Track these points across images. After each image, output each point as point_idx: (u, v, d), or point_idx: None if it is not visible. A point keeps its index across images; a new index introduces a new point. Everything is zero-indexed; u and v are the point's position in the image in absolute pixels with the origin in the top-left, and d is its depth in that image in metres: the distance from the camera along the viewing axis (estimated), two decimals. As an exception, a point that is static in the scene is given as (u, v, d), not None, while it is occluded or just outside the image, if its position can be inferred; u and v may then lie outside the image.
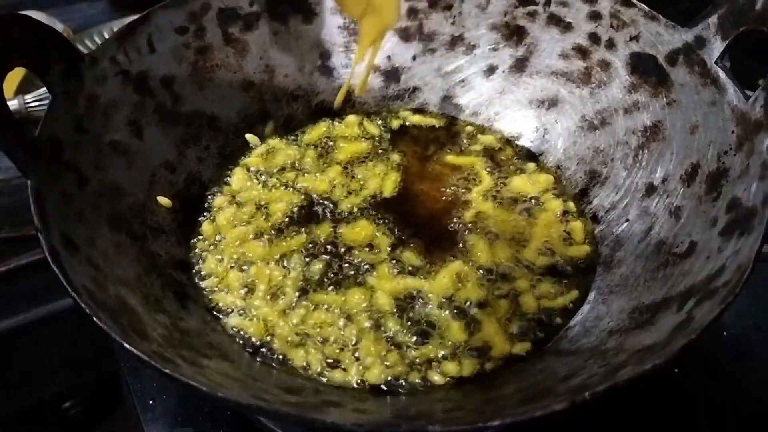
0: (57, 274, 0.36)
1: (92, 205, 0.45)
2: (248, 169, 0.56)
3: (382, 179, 0.55)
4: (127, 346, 0.33)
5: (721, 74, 0.47)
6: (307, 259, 0.49)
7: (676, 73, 0.50)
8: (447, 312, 0.46)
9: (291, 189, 0.54)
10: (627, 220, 0.50)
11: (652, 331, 0.39)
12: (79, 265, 0.39)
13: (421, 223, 0.52)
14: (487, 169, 0.56)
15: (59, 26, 0.71)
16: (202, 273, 0.48)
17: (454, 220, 0.52)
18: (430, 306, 0.46)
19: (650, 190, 0.49)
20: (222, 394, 0.30)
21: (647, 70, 0.52)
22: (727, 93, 0.46)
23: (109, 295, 0.39)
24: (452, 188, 0.55)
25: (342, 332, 0.45)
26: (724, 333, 0.53)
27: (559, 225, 0.52)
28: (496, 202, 0.53)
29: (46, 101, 0.62)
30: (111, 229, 0.45)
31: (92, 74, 0.49)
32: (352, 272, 0.48)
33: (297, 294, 0.47)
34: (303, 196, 0.54)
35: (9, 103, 0.61)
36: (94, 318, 0.34)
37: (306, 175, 0.56)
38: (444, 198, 0.54)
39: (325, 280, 0.48)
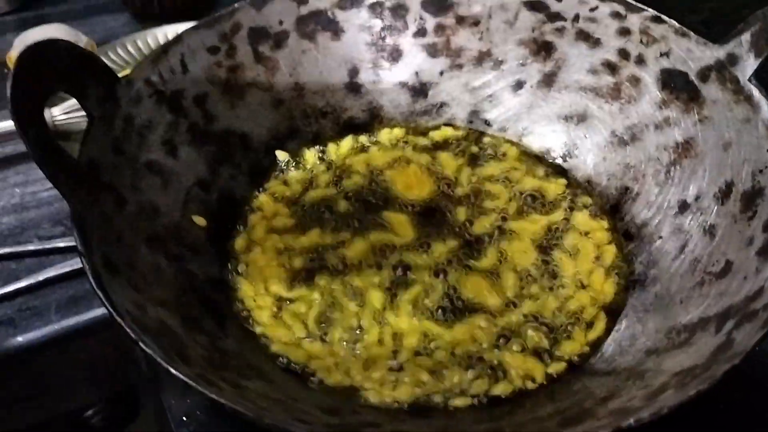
0: (101, 298, 0.37)
1: (130, 226, 0.45)
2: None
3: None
4: (174, 371, 0.33)
5: (755, 92, 0.46)
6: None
7: (707, 90, 0.50)
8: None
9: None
10: (660, 237, 0.49)
11: (690, 353, 0.39)
12: (120, 288, 0.40)
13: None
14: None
15: (83, 39, 0.72)
16: (238, 292, 0.49)
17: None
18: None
19: (683, 207, 0.49)
20: (269, 420, 0.31)
21: (678, 87, 0.52)
22: (761, 110, 0.46)
23: (150, 317, 0.40)
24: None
25: (382, 350, 0.45)
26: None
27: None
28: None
29: (74, 114, 0.64)
30: (149, 249, 0.46)
31: (128, 96, 0.49)
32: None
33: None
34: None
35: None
36: (140, 343, 0.35)
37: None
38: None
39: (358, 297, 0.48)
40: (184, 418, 0.51)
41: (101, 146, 0.46)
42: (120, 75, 0.49)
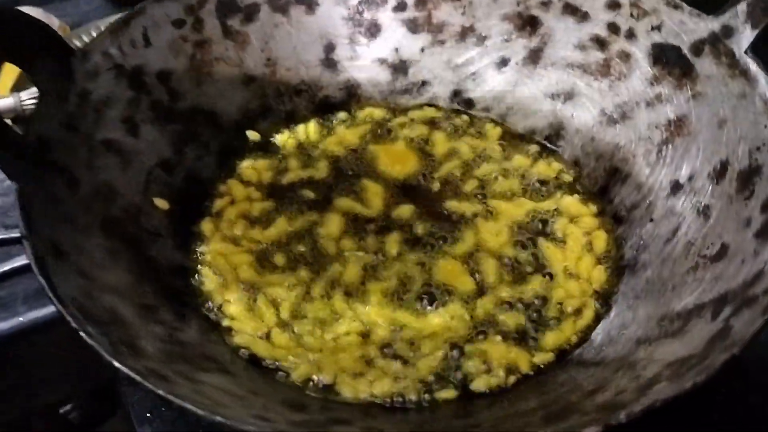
0: (42, 284, 0.34)
1: (84, 209, 0.42)
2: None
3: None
4: (117, 364, 0.30)
5: (752, 65, 0.44)
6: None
7: (701, 64, 0.47)
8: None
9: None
10: (651, 220, 0.47)
11: (684, 342, 0.36)
12: (67, 275, 0.37)
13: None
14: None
15: (55, 22, 0.68)
16: (201, 279, 0.46)
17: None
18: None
19: (676, 188, 0.46)
20: (220, 418, 0.28)
21: (670, 61, 0.49)
22: (758, 85, 0.43)
23: (100, 306, 0.37)
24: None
25: (352, 344, 0.42)
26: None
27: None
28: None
29: (42, 98, 0.61)
30: (104, 233, 0.42)
31: (84, 69, 0.46)
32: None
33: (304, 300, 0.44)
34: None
35: (4, 100, 0.59)
36: (82, 333, 0.31)
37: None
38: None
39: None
40: (148, 415, 0.48)
41: (53, 123, 0.43)
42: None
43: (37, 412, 0.65)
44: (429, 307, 0.44)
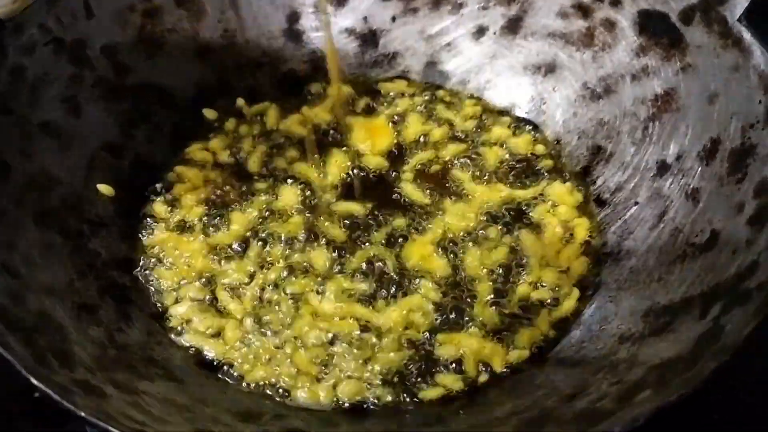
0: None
1: (15, 200, 0.39)
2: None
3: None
4: (35, 381, 0.27)
5: (746, 34, 0.40)
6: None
7: (691, 34, 0.43)
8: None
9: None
10: (636, 203, 0.44)
11: (671, 341, 0.33)
12: (-9, 275, 0.33)
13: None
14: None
15: None
16: (149, 272, 0.42)
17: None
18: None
19: (663, 168, 0.43)
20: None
21: (658, 30, 0.45)
22: (752, 56, 0.40)
23: (28, 309, 0.33)
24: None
25: (313, 342, 0.39)
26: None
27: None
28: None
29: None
30: (38, 227, 0.39)
31: (17, 43, 0.42)
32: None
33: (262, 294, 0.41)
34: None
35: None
36: (-2, 346, 0.28)
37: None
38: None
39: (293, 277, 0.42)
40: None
41: (-22, 103, 0.39)
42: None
43: (12, 398, 0.63)
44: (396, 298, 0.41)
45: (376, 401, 0.37)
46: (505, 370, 0.38)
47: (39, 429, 0.62)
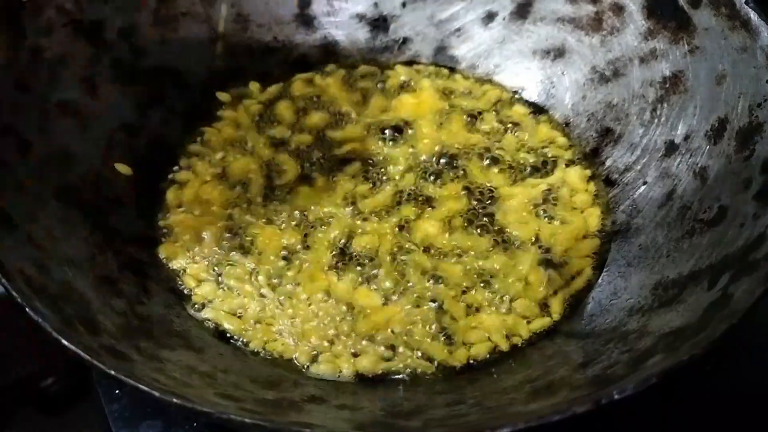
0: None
1: (36, 175, 0.39)
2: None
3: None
4: (65, 342, 0.27)
5: (753, 16, 0.41)
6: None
7: (699, 16, 0.44)
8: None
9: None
10: (645, 183, 0.44)
11: (680, 311, 0.34)
12: (16, 245, 0.34)
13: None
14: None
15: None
16: (167, 250, 0.43)
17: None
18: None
19: (671, 148, 0.44)
20: (177, 400, 0.25)
21: (666, 14, 0.46)
22: (759, 37, 0.40)
23: (52, 278, 0.34)
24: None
25: (328, 315, 0.39)
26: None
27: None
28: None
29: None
30: (59, 201, 0.39)
31: (35, 24, 0.43)
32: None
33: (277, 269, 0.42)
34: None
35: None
36: (27, 309, 0.29)
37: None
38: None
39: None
40: (117, 392, 0.46)
41: (1, 82, 0.40)
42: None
43: (16, 386, 0.63)
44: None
45: (393, 371, 0.37)
46: (523, 341, 0.39)
47: (41, 418, 0.63)
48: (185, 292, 0.41)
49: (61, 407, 0.66)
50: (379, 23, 0.55)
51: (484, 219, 0.44)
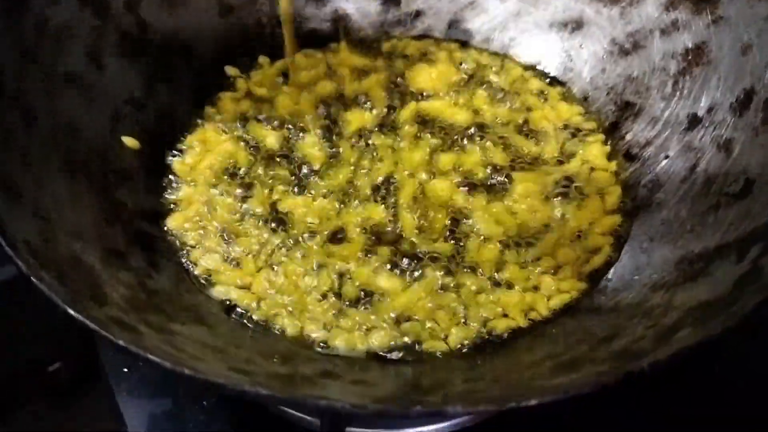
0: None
1: (42, 146, 0.38)
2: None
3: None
4: (72, 312, 0.27)
5: (781, -18, 0.40)
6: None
7: (723, -15, 0.42)
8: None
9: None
10: (667, 157, 0.43)
11: (707, 284, 0.33)
12: (22, 216, 0.33)
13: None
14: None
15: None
16: (175, 224, 0.42)
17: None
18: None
19: (694, 121, 0.43)
20: (188, 371, 0.24)
21: (688, -17, 0.44)
22: (788, 4, 0.39)
23: (59, 251, 0.33)
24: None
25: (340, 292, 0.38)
26: None
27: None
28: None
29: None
30: (65, 173, 0.39)
31: (41, -6, 0.42)
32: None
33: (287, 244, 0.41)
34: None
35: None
36: (33, 279, 0.28)
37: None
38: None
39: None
40: (125, 370, 0.45)
41: (5, 50, 0.39)
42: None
43: (25, 371, 0.63)
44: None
45: (407, 347, 0.36)
46: (547, 315, 0.38)
47: (50, 405, 0.63)
48: (194, 266, 0.40)
49: (69, 395, 0.66)
50: (391, -4, 0.54)
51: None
